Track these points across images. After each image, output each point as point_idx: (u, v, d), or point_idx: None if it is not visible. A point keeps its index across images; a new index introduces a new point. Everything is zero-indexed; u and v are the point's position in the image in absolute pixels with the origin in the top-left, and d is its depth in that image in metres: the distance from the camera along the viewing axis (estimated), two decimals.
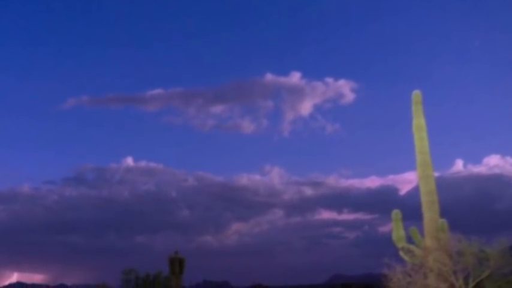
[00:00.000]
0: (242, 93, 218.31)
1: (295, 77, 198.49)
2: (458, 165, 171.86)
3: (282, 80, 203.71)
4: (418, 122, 26.61)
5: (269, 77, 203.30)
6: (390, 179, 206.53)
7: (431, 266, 23.13)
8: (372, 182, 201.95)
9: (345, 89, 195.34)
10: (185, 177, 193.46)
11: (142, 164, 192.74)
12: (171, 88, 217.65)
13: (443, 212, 25.26)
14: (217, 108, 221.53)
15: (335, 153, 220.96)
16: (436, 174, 26.84)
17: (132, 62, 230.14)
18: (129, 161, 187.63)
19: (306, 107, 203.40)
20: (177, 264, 38.43)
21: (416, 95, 27.11)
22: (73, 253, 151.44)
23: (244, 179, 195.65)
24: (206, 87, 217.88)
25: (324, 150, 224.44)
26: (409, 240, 25.20)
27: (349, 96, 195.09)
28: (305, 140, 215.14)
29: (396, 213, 25.98)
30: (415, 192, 26.80)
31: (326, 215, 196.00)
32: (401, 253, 24.99)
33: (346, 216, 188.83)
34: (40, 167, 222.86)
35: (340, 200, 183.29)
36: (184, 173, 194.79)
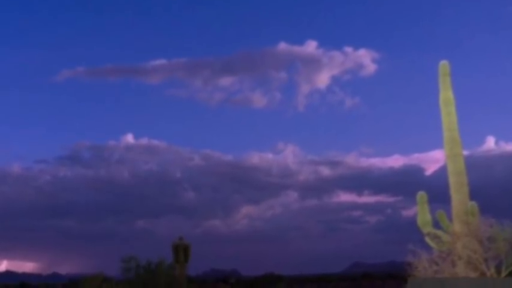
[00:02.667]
0: (253, 64, 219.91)
1: (310, 46, 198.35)
2: (490, 142, 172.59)
3: (297, 49, 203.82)
4: (446, 95, 26.53)
5: (282, 46, 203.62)
6: (415, 158, 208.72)
7: (460, 253, 23.17)
8: (395, 161, 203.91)
9: (366, 59, 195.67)
10: (191, 156, 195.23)
11: (144, 141, 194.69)
12: (175, 58, 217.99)
13: (473, 194, 25.27)
14: (226, 81, 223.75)
15: (355, 130, 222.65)
16: (466, 152, 26.84)
17: (133, 30, 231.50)
18: (129, 138, 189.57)
19: (322, 79, 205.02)
20: (181, 251, 38.72)
21: (444, 65, 27.00)
22: (67, 239, 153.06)
23: (256, 158, 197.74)
24: (213, 57, 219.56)
25: (342, 126, 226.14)
26: (436, 225, 25.25)
27: (370, 67, 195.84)
28: (322, 115, 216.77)
29: (422, 196, 25.99)
30: (442, 173, 26.80)
31: (345, 197, 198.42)
32: (427, 239, 25.05)
33: (367, 198, 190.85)
34: (31, 145, 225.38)
35: (361, 180, 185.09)
36: (189, 151, 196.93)
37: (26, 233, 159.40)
